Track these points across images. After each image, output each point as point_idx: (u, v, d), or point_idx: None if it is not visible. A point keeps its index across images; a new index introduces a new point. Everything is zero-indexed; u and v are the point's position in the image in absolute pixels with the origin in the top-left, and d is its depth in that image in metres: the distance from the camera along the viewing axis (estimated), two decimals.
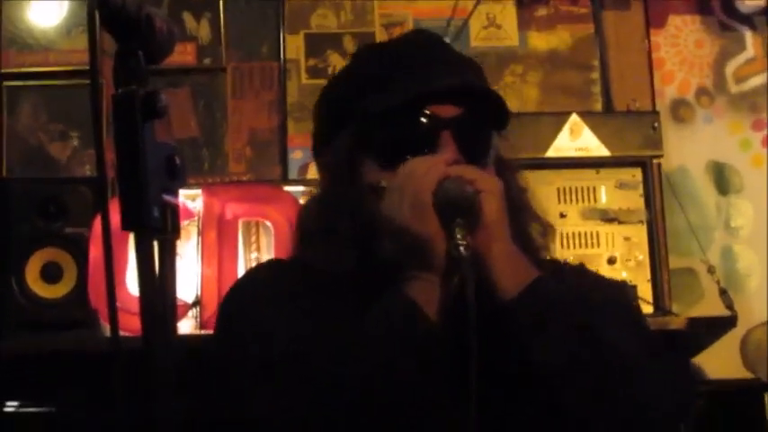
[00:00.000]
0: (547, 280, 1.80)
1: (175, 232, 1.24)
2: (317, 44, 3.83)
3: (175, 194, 1.24)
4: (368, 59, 2.02)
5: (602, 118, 3.56)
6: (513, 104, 3.73)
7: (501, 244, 1.78)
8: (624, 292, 2.10)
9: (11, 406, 2.95)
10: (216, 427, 1.89)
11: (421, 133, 1.85)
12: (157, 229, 1.22)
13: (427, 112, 1.84)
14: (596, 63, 3.89)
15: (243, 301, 1.95)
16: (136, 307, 1.23)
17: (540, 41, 3.90)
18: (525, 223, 1.92)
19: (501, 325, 1.73)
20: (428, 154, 1.82)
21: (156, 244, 1.22)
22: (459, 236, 1.72)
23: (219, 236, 3.19)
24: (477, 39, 3.85)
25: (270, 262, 2.39)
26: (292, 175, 3.71)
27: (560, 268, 2.02)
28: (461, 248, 1.71)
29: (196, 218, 3.19)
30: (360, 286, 1.82)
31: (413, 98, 1.84)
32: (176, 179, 1.25)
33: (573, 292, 1.84)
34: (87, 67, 1.28)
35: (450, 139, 1.84)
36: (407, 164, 1.79)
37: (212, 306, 3.08)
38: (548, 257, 2.00)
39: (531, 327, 1.75)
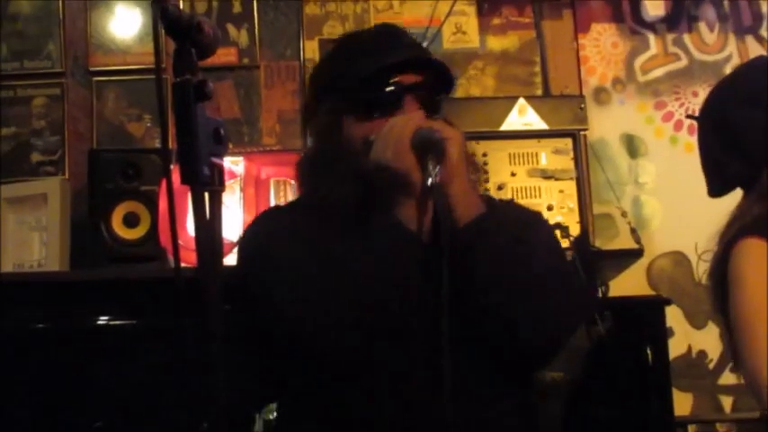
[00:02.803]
0: (490, 214, 1.81)
1: (221, 186, 1.24)
2: (328, 47, 3.79)
3: (221, 157, 1.25)
4: (346, 46, 2.03)
5: (542, 101, 3.53)
6: (475, 91, 3.77)
7: (460, 181, 1.80)
8: (544, 221, 2.12)
9: (102, 320, 2.94)
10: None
11: (390, 96, 1.86)
12: (207, 184, 1.22)
13: (394, 80, 1.86)
14: (537, 59, 3.86)
15: (258, 240, 1.94)
16: (193, 245, 1.22)
17: (496, 43, 3.86)
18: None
19: (454, 245, 1.74)
20: (397, 112, 1.84)
21: (206, 195, 1.22)
22: (431, 167, 1.73)
23: (256, 191, 3.19)
24: (448, 42, 3.81)
25: (272, 208, 2.37)
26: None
27: (493, 202, 2.01)
28: (432, 178, 1.73)
29: (239, 178, 3.19)
30: (351, 215, 1.83)
31: (382, 69, 1.86)
32: (221, 145, 1.25)
33: (509, 223, 1.84)
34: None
35: (412, 100, 1.86)
36: (391, 120, 1.81)
37: None
38: (480, 192, 2.02)
39: (475, 248, 1.76)
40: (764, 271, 2.12)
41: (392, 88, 1.86)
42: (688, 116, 2.55)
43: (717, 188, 2.35)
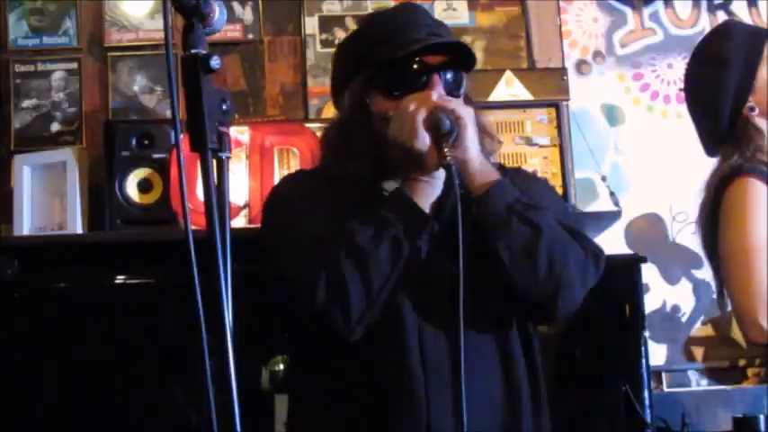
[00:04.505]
0: (503, 183, 1.81)
1: (228, 152, 1.24)
2: (327, 24, 3.78)
3: (227, 126, 1.25)
4: (374, 24, 1.99)
5: (527, 73, 3.53)
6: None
7: (473, 155, 1.79)
8: (551, 186, 2.11)
9: (119, 279, 2.94)
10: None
11: (418, 75, 1.84)
12: (215, 150, 1.22)
13: (421, 60, 1.84)
14: (523, 34, 3.84)
15: (281, 197, 1.94)
16: (203, 208, 1.22)
17: (484, 19, 3.85)
18: (481, 137, 1.88)
19: (471, 213, 1.75)
20: (424, 89, 1.82)
21: (214, 161, 1.22)
22: (446, 149, 1.73)
23: (261, 158, 3.17)
24: (439, 18, 3.76)
25: (298, 171, 2.37)
26: (311, 115, 3.69)
27: (504, 168, 2.01)
28: (448, 158, 1.73)
29: (244, 146, 3.18)
30: (367, 186, 1.84)
31: (411, 51, 1.84)
32: (227, 115, 1.26)
33: (521, 189, 1.84)
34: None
35: (437, 78, 1.83)
36: (406, 99, 1.79)
37: (257, 208, 3.07)
38: (494, 161, 1.98)
39: (492, 215, 1.76)
40: (757, 208, 2.10)
41: (417, 67, 1.84)
42: (681, 90, 2.54)
43: (707, 148, 2.36)
